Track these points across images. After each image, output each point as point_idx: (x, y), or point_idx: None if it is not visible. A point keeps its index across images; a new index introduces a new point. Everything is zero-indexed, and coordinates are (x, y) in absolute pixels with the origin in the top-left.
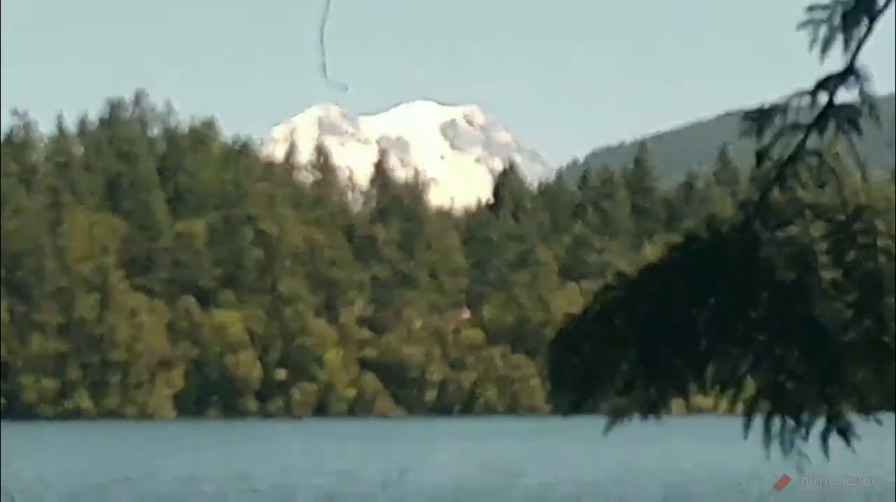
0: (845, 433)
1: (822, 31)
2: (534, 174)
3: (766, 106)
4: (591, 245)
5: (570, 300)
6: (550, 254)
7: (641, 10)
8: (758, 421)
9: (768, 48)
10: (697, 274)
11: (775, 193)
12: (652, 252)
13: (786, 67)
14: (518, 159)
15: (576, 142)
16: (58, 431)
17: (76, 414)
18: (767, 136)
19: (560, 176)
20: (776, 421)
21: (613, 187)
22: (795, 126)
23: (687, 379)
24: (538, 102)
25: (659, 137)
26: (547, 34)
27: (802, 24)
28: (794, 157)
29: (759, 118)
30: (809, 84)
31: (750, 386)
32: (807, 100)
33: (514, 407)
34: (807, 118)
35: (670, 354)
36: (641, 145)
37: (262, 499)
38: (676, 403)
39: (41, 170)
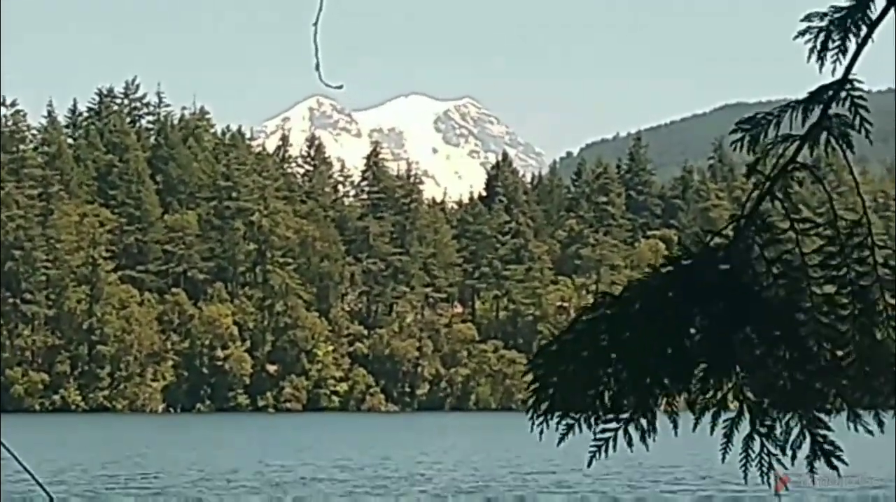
0: (830, 456)
1: (820, 39)
2: (527, 168)
3: (759, 116)
4: (586, 239)
5: (563, 295)
6: (544, 249)
7: (637, 3)
8: (737, 442)
9: (765, 41)
10: (686, 289)
11: (767, 206)
12: (647, 247)
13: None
14: (512, 152)
15: (570, 135)
16: (46, 425)
17: (65, 408)
18: (759, 148)
19: (554, 169)
20: (756, 443)
21: (608, 181)
22: (788, 137)
23: (673, 394)
24: (532, 95)
25: (654, 131)
26: (541, 27)
27: (801, 33)
28: (785, 170)
29: (750, 129)
30: (804, 82)
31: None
32: (799, 111)
33: (507, 402)
34: (798, 129)
35: (657, 371)
36: (636, 139)
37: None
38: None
39: (31, 161)
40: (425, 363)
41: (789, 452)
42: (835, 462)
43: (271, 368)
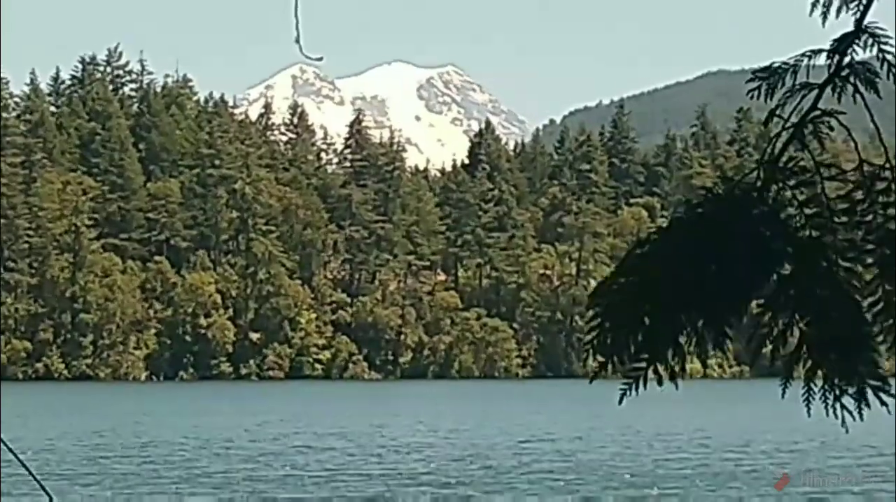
0: (880, 391)
1: None
2: (510, 135)
3: (776, 65)
4: (568, 207)
5: (546, 263)
6: (527, 216)
7: None
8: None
9: (749, 8)
10: (718, 232)
11: (791, 152)
12: (629, 215)
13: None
14: (494, 120)
15: (553, 102)
16: (30, 392)
17: (48, 376)
18: (777, 96)
19: (537, 137)
20: (817, 382)
21: (591, 149)
22: (807, 86)
23: (707, 338)
24: (515, 63)
25: (637, 98)
26: None
27: None
28: (806, 118)
29: (768, 77)
30: (788, 49)
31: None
32: (817, 59)
33: (489, 370)
34: (817, 78)
35: (692, 312)
36: (619, 106)
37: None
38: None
39: (13, 129)
40: (408, 331)
41: (846, 387)
42: (883, 397)
43: (254, 336)
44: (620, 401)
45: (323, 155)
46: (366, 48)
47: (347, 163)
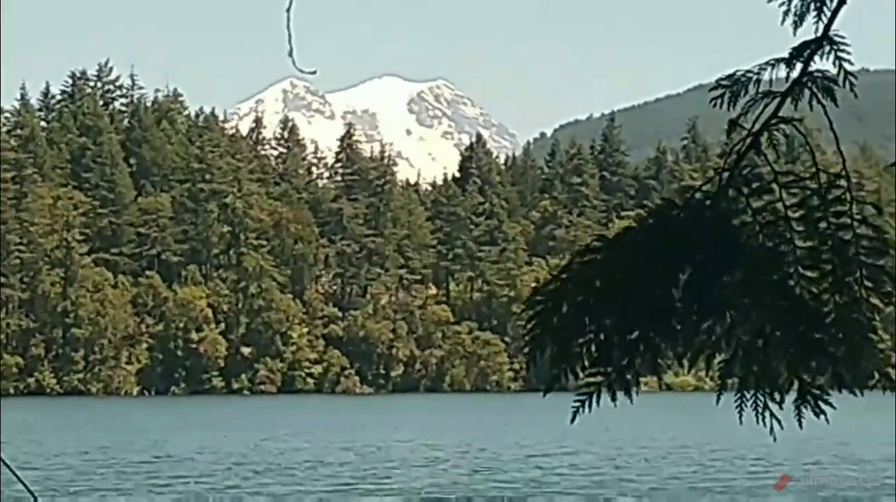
0: (818, 402)
1: (795, 2)
2: (501, 149)
3: (739, 73)
4: (559, 220)
5: (537, 276)
6: (518, 230)
7: None
8: (730, 392)
9: (739, 21)
10: (672, 240)
11: (749, 161)
12: (620, 227)
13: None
14: (485, 134)
15: (544, 116)
16: (22, 408)
17: (39, 391)
18: (739, 105)
19: (527, 150)
20: (750, 390)
21: (582, 162)
22: (769, 94)
23: (661, 347)
24: (506, 76)
25: (628, 111)
26: (514, 8)
27: None
28: (767, 126)
29: (731, 86)
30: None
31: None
32: (780, 68)
33: (481, 383)
34: (780, 87)
35: (645, 322)
36: (610, 119)
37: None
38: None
39: (4, 144)
40: (400, 345)
41: (778, 396)
42: (822, 406)
43: (246, 351)
44: (573, 420)
45: (314, 169)
46: (356, 62)
47: (338, 177)
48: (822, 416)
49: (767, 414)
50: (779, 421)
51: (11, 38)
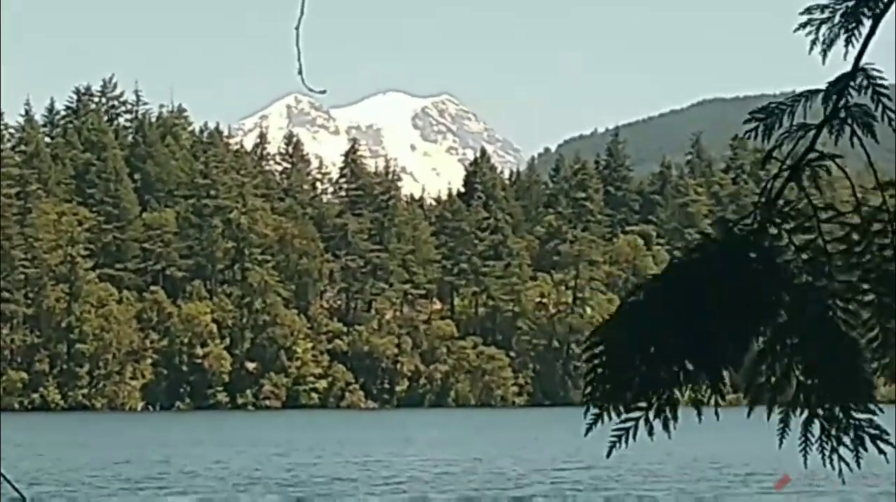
0: (875, 440)
1: (823, 31)
2: (505, 164)
3: (772, 105)
4: (564, 235)
5: (542, 291)
6: (522, 245)
7: None
8: (794, 423)
9: (743, 36)
10: (715, 278)
11: (787, 195)
12: (625, 242)
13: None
14: (490, 149)
15: (548, 131)
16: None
17: (44, 407)
18: (773, 137)
19: (532, 165)
20: (813, 430)
21: (586, 177)
22: (804, 126)
23: (702, 383)
24: (510, 91)
25: (632, 126)
26: (518, 23)
27: (802, 25)
28: (804, 160)
29: (765, 118)
30: (782, 77)
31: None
32: (815, 100)
33: (486, 398)
34: (814, 119)
35: (688, 359)
36: (614, 134)
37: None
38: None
39: (8, 160)
40: (404, 359)
41: (840, 435)
42: (881, 445)
43: (250, 366)
44: (609, 455)
45: (318, 184)
46: (361, 77)
47: (343, 193)
48: (883, 455)
49: (835, 456)
50: (847, 463)
51: (16, 52)
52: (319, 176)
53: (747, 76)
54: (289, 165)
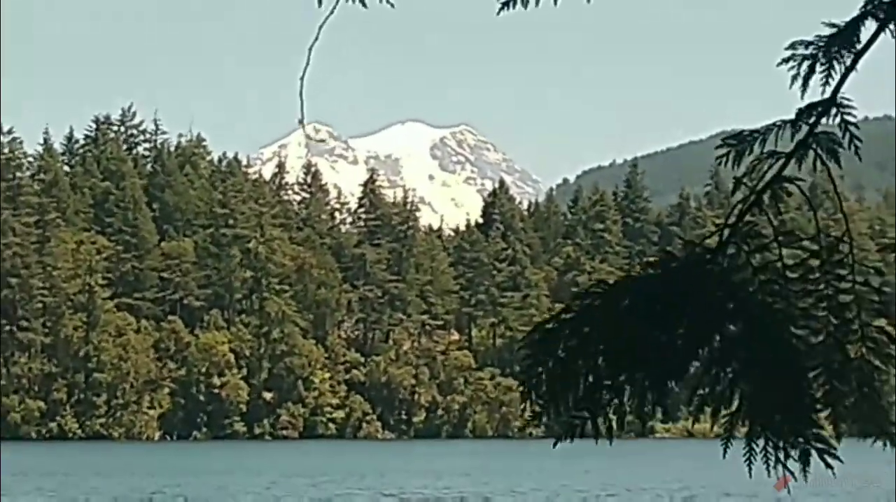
0: (823, 454)
1: (804, 67)
2: (524, 195)
3: (745, 133)
4: (582, 266)
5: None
6: (541, 276)
7: (633, 30)
8: (738, 442)
9: (761, 68)
10: (670, 291)
11: (752, 218)
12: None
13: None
14: (508, 179)
15: (567, 162)
16: (44, 452)
17: (61, 436)
18: (745, 163)
19: (550, 196)
20: (758, 442)
21: (604, 208)
22: (773, 154)
23: (649, 397)
24: (529, 122)
25: (651, 157)
26: (537, 54)
27: (784, 61)
28: (770, 185)
29: (737, 145)
30: (798, 106)
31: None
32: (786, 128)
33: (503, 430)
34: (786, 147)
35: (636, 370)
36: (633, 165)
37: None
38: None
39: (27, 188)
40: (422, 390)
41: (787, 448)
42: (829, 460)
43: (268, 396)
44: (555, 445)
45: (336, 214)
46: (379, 108)
47: (361, 223)
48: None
49: (779, 466)
50: (792, 474)
51: (36, 81)
52: (338, 205)
53: (766, 107)
54: (307, 195)
